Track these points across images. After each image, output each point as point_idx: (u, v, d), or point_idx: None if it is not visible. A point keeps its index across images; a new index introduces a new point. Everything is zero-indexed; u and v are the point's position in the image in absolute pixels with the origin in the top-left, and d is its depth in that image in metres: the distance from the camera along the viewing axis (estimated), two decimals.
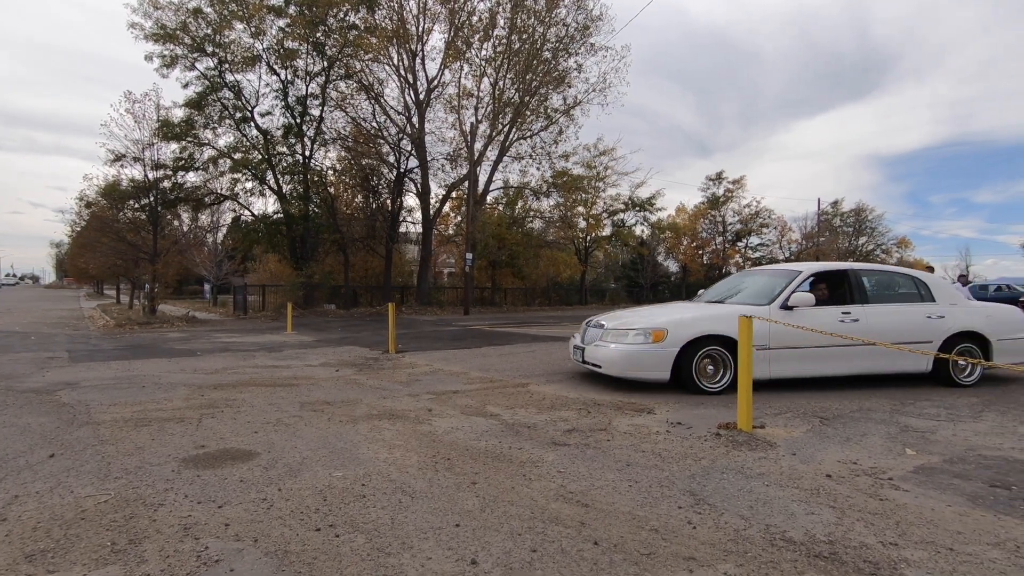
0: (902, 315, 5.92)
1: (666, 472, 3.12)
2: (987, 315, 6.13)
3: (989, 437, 3.91)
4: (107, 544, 2.18)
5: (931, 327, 5.88)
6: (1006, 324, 6.13)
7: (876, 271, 6.59)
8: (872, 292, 6.04)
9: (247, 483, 2.88)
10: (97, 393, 5.34)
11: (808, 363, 5.59)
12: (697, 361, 5.32)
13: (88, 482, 2.88)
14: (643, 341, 5.39)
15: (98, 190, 19.62)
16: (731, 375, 5.33)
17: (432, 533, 2.31)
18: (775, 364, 5.46)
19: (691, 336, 5.32)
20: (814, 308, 5.60)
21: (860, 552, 2.17)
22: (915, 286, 6.21)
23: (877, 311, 5.84)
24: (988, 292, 26.68)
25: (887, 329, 5.68)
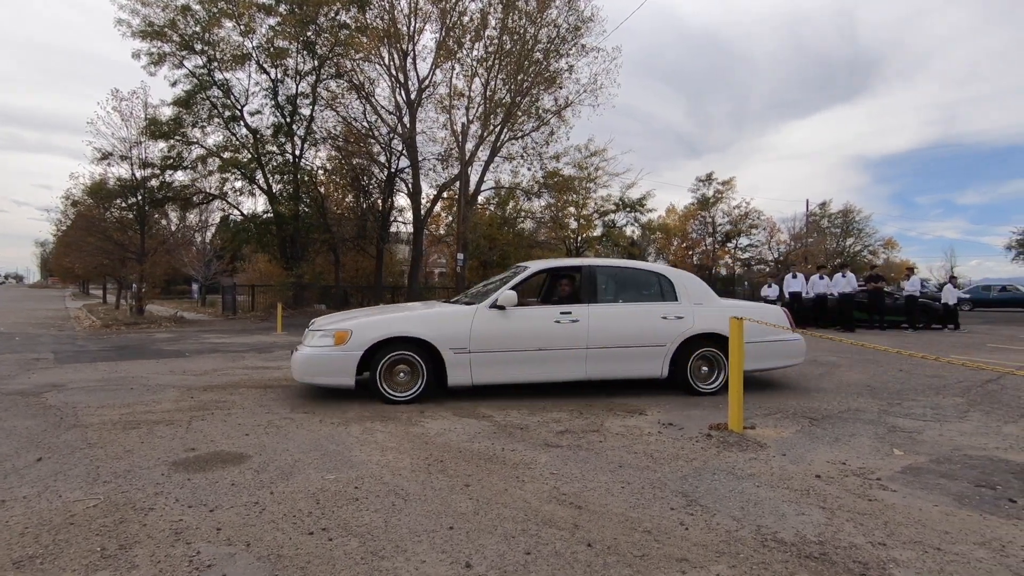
0: (632, 316, 5.42)
1: (658, 473, 3.14)
2: (736, 315, 5.48)
3: (974, 437, 3.97)
4: (97, 549, 2.16)
5: (666, 329, 5.36)
6: (759, 326, 5.38)
7: (616, 268, 5.94)
8: (604, 291, 5.56)
9: (239, 486, 2.86)
10: (84, 395, 5.28)
11: (520, 367, 5.13)
12: (385, 366, 4.92)
13: (77, 486, 2.85)
14: (327, 344, 4.96)
15: (84, 189, 19.41)
16: (423, 382, 4.94)
17: (426, 536, 2.31)
18: (479, 369, 5.03)
19: (377, 338, 4.90)
20: (530, 308, 5.32)
21: (850, 552, 2.20)
22: (658, 284, 5.70)
23: (604, 311, 5.35)
24: (991, 293, 26.97)
25: (612, 331, 5.27)
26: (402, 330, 5.00)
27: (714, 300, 5.75)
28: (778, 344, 5.63)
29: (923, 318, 14.75)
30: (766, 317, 5.58)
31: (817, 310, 14.66)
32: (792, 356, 5.78)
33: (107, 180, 18.78)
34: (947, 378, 6.65)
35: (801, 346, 5.84)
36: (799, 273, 16.23)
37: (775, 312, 5.86)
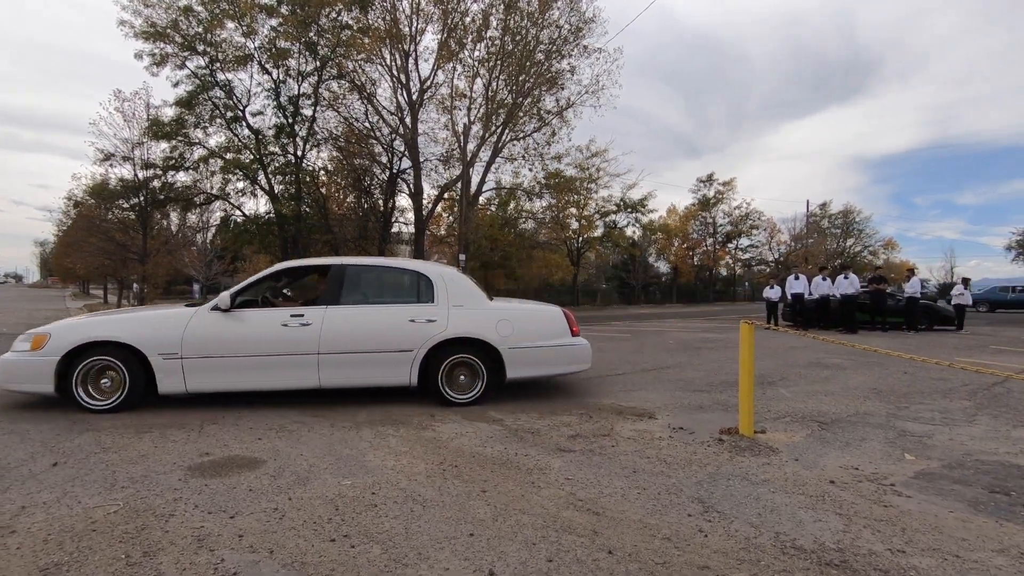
0: (375, 319, 5.05)
1: (673, 479, 3.16)
2: (501, 319, 5.16)
3: (985, 442, 3.99)
4: (122, 556, 2.17)
5: (414, 333, 4.99)
6: (527, 330, 5.21)
7: (370, 267, 5.51)
8: (350, 292, 5.20)
9: (256, 492, 2.87)
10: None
11: (242, 374, 4.80)
12: (86, 372, 4.65)
13: (95, 492, 2.86)
14: (24, 349, 4.68)
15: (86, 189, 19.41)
16: (125, 389, 4.67)
17: (447, 543, 2.32)
18: (194, 376, 4.73)
19: (76, 343, 4.60)
20: (257, 311, 5.01)
21: (870, 560, 2.22)
22: (416, 284, 5.32)
23: (343, 314, 5.00)
24: (1008, 294, 26.89)
25: (349, 335, 4.92)
26: (104, 334, 4.68)
27: (480, 302, 5.28)
28: (558, 349, 5.27)
29: (925, 319, 14.78)
30: (541, 319, 5.35)
31: (820, 311, 14.68)
32: (574, 362, 5.38)
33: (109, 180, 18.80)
34: (952, 381, 6.67)
35: (585, 351, 5.42)
36: (801, 274, 16.26)
37: (550, 314, 5.45)
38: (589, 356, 5.50)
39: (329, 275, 5.26)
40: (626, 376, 6.90)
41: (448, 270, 5.53)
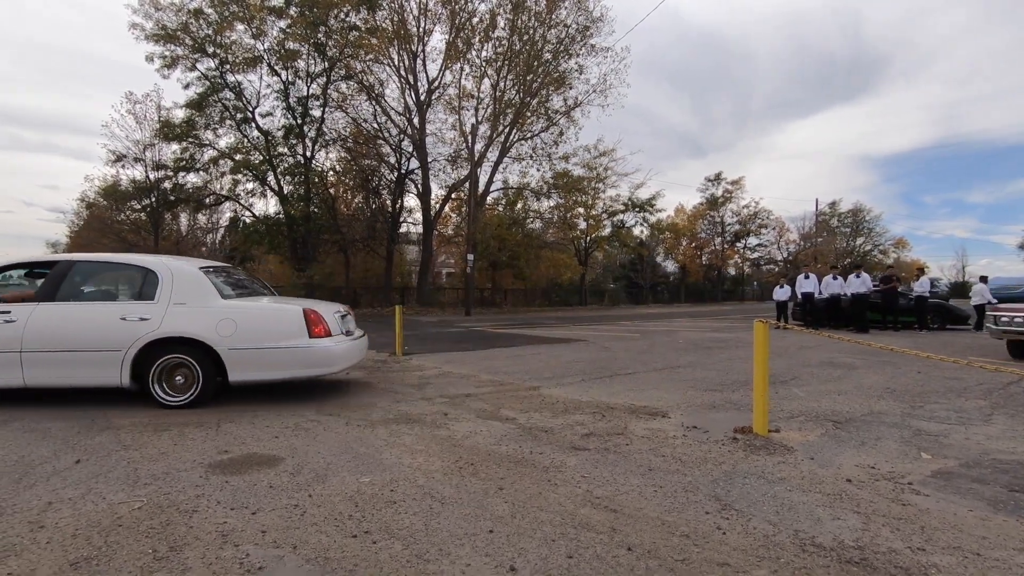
0: (84, 316, 4.86)
1: (689, 477, 3.17)
2: (224, 318, 4.89)
3: (1002, 441, 3.97)
4: (149, 551, 2.21)
5: (124, 331, 4.76)
6: (253, 331, 4.93)
7: (94, 263, 5.41)
8: (67, 288, 5.03)
9: (277, 489, 2.91)
10: (109, 396, 5.34)
11: None
12: None
13: (119, 488, 2.90)
14: None
15: (99, 191, 19.64)
16: None
17: (467, 539, 2.35)
18: None
19: None
20: None
21: (890, 558, 2.22)
22: (141, 281, 5.08)
23: (53, 311, 4.83)
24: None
25: (56, 333, 4.75)
26: None
27: (208, 300, 5.01)
28: (292, 351, 4.96)
29: (937, 319, 14.66)
30: (271, 320, 5.10)
31: (830, 311, 14.60)
32: (312, 365, 5.08)
33: (121, 182, 19.02)
34: (966, 380, 6.62)
35: (325, 354, 5.10)
36: (811, 273, 16.17)
37: (285, 315, 5.14)
38: (334, 359, 5.18)
39: (51, 271, 5.11)
40: (637, 375, 6.90)
41: (181, 265, 5.23)
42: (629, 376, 6.85)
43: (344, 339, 5.42)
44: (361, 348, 5.90)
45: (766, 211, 44.08)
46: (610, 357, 8.80)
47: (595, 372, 7.13)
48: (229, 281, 5.63)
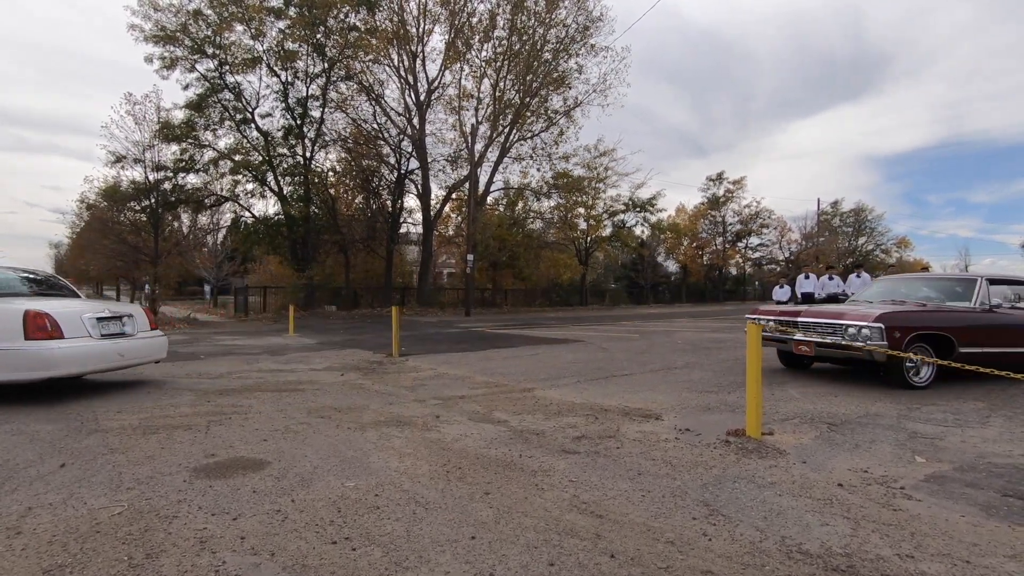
0: None
1: (678, 481, 3.13)
2: None
3: (998, 444, 3.92)
4: (124, 558, 2.18)
5: None
6: None
7: None
8: None
9: (260, 494, 2.88)
10: (103, 399, 5.34)
11: None
12: None
13: (101, 493, 2.88)
14: None
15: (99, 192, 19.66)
16: None
17: (448, 546, 2.31)
18: None
19: None
20: None
21: (877, 565, 2.18)
22: None
23: None
24: None
25: None
26: None
27: None
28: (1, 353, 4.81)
29: None
30: None
31: None
32: (18, 369, 4.87)
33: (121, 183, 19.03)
34: (966, 381, 6.56)
35: (33, 358, 4.86)
36: (812, 273, 16.08)
37: (3, 316, 4.92)
38: (53, 362, 4.97)
39: None
40: (634, 376, 6.86)
41: None
42: (625, 377, 6.80)
43: (88, 341, 5.26)
44: (127, 350, 5.70)
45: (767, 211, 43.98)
46: (607, 358, 8.75)
47: (591, 373, 7.09)
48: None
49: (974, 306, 6.40)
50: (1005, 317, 6.40)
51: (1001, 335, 6.33)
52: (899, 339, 5.71)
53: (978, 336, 6.17)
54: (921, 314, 6.12)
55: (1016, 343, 6.39)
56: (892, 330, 5.69)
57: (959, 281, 7.05)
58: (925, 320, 6.01)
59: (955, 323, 6.11)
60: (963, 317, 6.26)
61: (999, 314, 6.37)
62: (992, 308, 6.37)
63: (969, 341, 6.06)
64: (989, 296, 6.48)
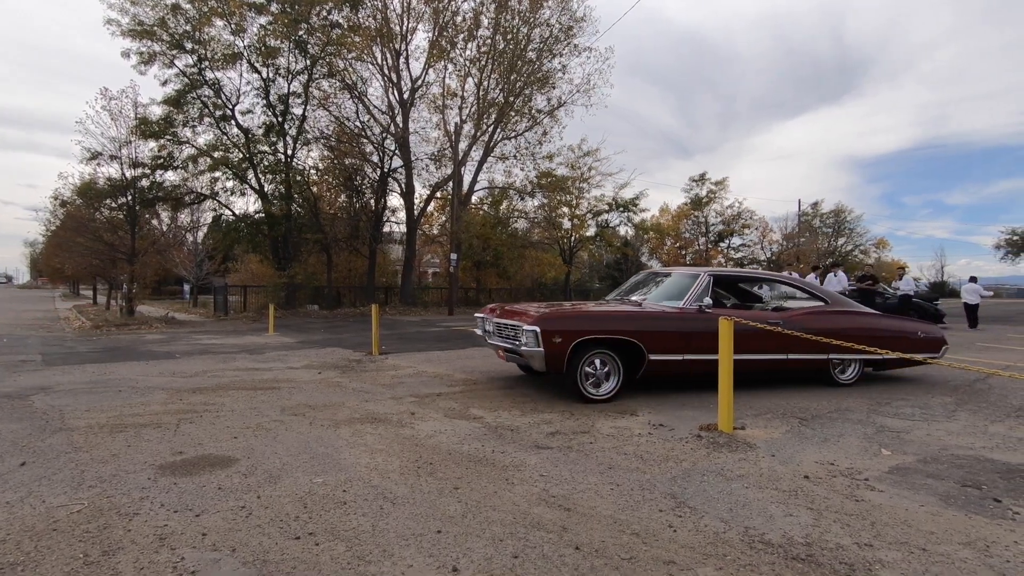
0: None
1: (648, 475, 3.15)
2: None
3: (962, 437, 4.00)
4: (80, 556, 2.13)
5: None
6: None
7: None
8: None
9: (225, 491, 2.84)
10: (71, 398, 5.22)
11: None
12: None
13: (61, 491, 2.82)
14: None
15: (74, 189, 19.22)
16: None
17: (413, 540, 2.30)
18: None
19: None
20: None
21: (836, 554, 2.21)
22: None
23: None
24: None
25: None
26: None
27: None
28: None
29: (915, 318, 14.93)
30: None
31: None
32: None
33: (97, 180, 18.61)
34: (935, 377, 6.71)
35: None
36: (794, 273, 16.33)
37: None
38: None
39: None
40: None
41: None
42: None
43: None
44: None
45: (749, 211, 44.42)
46: None
47: None
48: None
49: (684, 307, 5.40)
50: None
51: (713, 341, 4.63)
52: (560, 344, 4.86)
53: (677, 342, 5.22)
54: (592, 316, 5.16)
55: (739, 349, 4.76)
56: (550, 334, 4.84)
57: (685, 277, 5.94)
58: (598, 323, 5.08)
59: (646, 327, 5.15)
60: (658, 320, 5.28)
61: (712, 317, 5.00)
62: (703, 309, 5.36)
63: (666, 348, 5.16)
64: (707, 296, 5.53)
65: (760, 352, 5.54)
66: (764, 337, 5.26)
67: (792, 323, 5.51)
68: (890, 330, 6.23)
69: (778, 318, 5.63)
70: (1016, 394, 5.62)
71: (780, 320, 5.54)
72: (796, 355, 5.66)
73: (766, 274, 7.83)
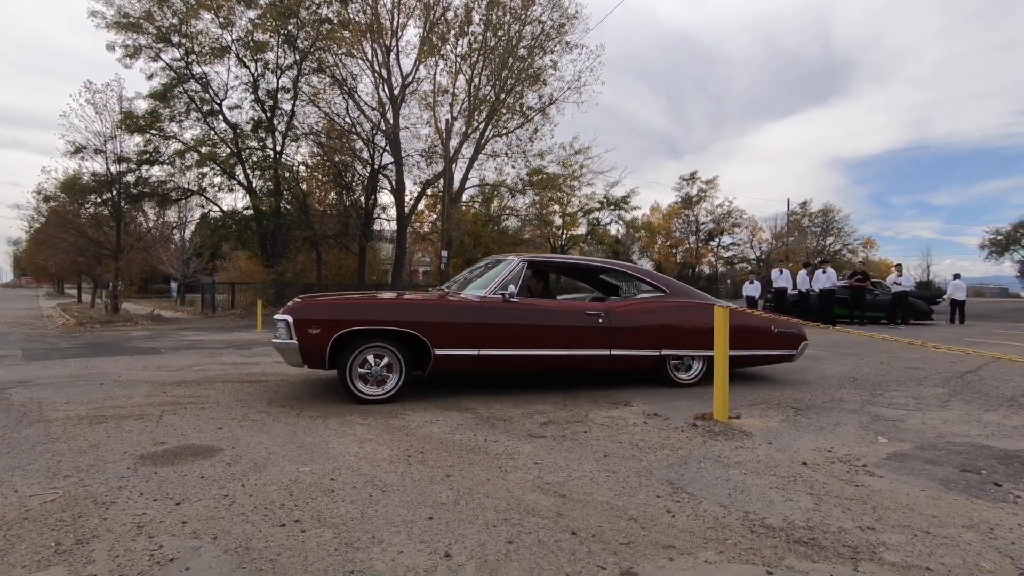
0: None
1: (644, 462, 3.08)
2: None
3: (957, 425, 3.98)
4: (51, 544, 2.03)
5: None
6: None
7: None
8: None
9: (208, 480, 2.73)
10: (51, 391, 5.08)
11: None
12: None
13: (35, 481, 2.70)
14: None
15: (57, 184, 18.90)
16: None
17: (404, 527, 2.22)
18: None
19: None
20: None
21: (839, 537, 2.15)
22: None
23: None
24: None
25: None
26: None
27: None
28: None
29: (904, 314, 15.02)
30: None
31: (801, 305, 14.80)
32: None
33: (81, 175, 18.31)
34: (927, 369, 6.72)
35: None
36: (785, 269, 16.38)
37: None
38: None
39: None
40: None
41: None
42: None
43: None
44: None
45: (739, 210, 44.65)
46: None
47: None
48: None
49: (486, 296, 4.83)
50: (527, 312, 4.86)
51: (520, 334, 4.76)
52: (318, 336, 4.35)
53: (473, 335, 4.64)
54: (361, 305, 4.65)
55: (529, 343, 4.81)
56: (305, 325, 4.36)
57: (501, 263, 5.37)
58: (368, 313, 4.53)
59: (433, 317, 4.60)
60: (450, 310, 4.73)
61: (517, 308, 4.79)
62: (508, 299, 4.79)
63: (457, 341, 4.60)
64: (516, 284, 4.93)
65: (578, 347, 4.96)
66: (583, 331, 4.91)
67: (615, 315, 5.06)
68: (735, 327, 4.98)
69: (599, 309, 5.07)
70: (1008, 384, 5.63)
71: (601, 312, 5.04)
72: (621, 351, 5.07)
73: (598, 261, 6.80)
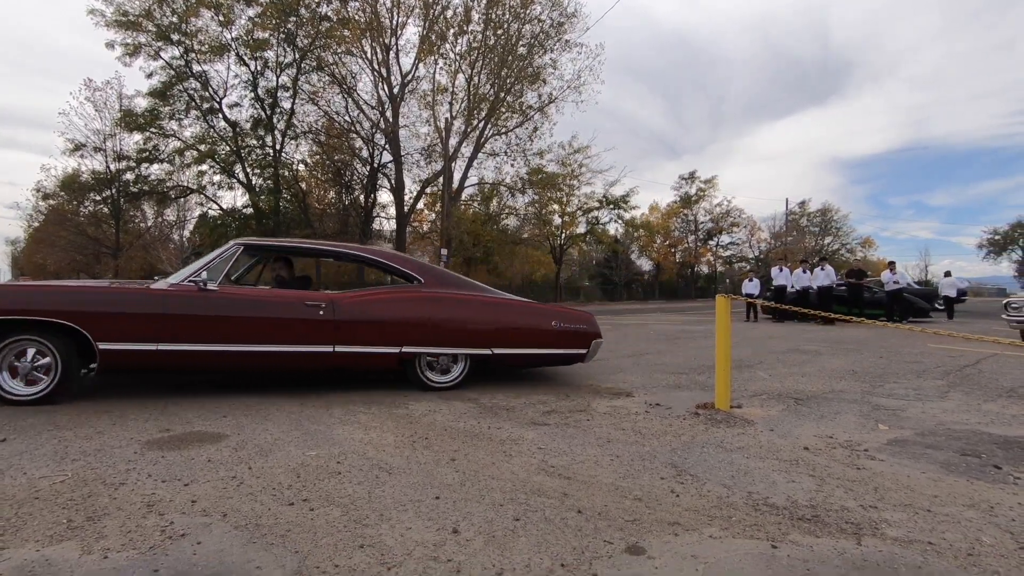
0: None
1: (647, 447, 3.11)
2: None
3: (956, 414, 4.01)
4: (63, 521, 2.05)
5: None
6: None
7: None
8: None
9: (215, 463, 2.75)
10: None
11: None
12: None
13: (43, 464, 2.72)
14: None
15: (57, 182, 18.91)
16: None
17: (411, 505, 2.24)
18: None
19: None
20: None
21: (841, 514, 2.18)
22: None
23: None
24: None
25: None
26: None
27: None
28: None
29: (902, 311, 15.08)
30: None
31: (800, 303, 14.85)
32: None
33: (80, 173, 18.33)
34: (926, 363, 6.75)
35: None
36: (785, 267, 16.43)
37: None
38: None
39: None
40: (606, 361, 6.87)
41: None
42: (597, 361, 6.80)
43: None
44: None
45: (738, 210, 44.81)
46: None
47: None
48: None
49: (176, 284, 4.26)
50: (227, 302, 4.26)
51: (214, 327, 4.19)
52: None
53: (153, 328, 4.04)
54: (9, 291, 4.16)
55: (232, 336, 4.22)
56: None
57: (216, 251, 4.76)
58: (9, 300, 3.95)
59: (97, 308, 4.00)
60: (123, 299, 4.10)
61: (217, 296, 4.23)
62: (204, 287, 4.20)
63: (130, 335, 4.01)
64: (218, 271, 4.39)
65: (291, 343, 4.36)
66: (299, 324, 4.35)
67: (341, 307, 4.47)
68: (501, 322, 4.82)
69: (321, 300, 4.47)
70: (1006, 377, 5.67)
71: (322, 303, 4.44)
72: (348, 347, 4.46)
73: (331, 245, 5.99)
